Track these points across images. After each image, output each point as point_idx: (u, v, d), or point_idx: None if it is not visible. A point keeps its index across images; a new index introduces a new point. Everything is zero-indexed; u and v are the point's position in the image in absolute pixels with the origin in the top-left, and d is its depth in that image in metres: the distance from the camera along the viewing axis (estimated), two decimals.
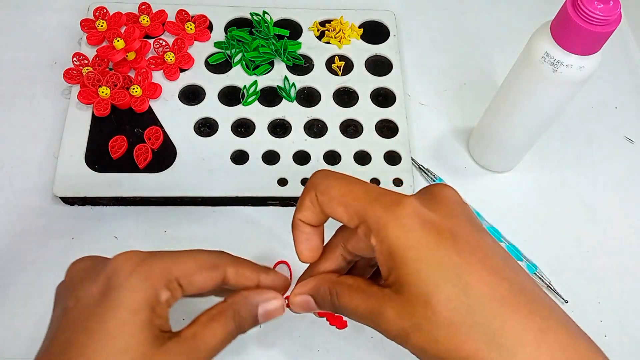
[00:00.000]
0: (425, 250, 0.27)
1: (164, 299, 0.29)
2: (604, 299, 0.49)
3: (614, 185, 0.55)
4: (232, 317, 0.31)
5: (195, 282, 0.30)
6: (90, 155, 0.50)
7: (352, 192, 0.30)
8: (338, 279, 0.32)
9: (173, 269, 0.29)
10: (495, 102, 0.49)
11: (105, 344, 0.27)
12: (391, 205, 0.28)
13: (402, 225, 0.28)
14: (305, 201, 0.32)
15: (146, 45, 0.55)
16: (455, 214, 0.29)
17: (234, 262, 0.32)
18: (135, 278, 0.28)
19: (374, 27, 0.59)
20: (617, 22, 0.37)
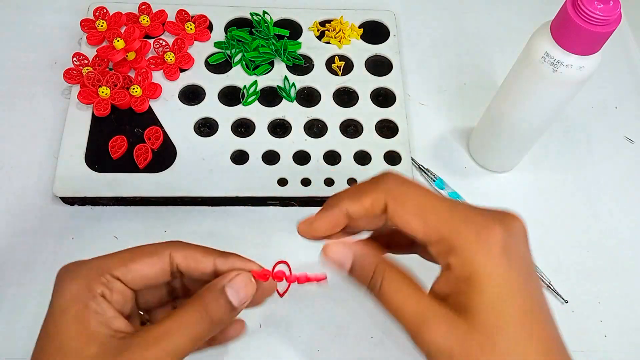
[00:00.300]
0: (507, 291, 0.27)
1: (97, 293, 0.29)
2: (604, 299, 0.49)
3: (614, 185, 0.55)
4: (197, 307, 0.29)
5: (133, 271, 0.30)
6: (90, 155, 0.50)
7: (434, 207, 0.28)
8: (390, 261, 0.30)
9: (104, 264, 0.30)
10: (495, 102, 0.49)
11: (43, 347, 0.28)
12: (482, 230, 0.28)
13: (491, 254, 0.27)
14: (365, 200, 0.30)
15: (146, 45, 0.55)
16: (528, 256, 0.29)
17: (182, 247, 0.31)
18: (65, 282, 0.29)
19: (374, 27, 0.59)
20: (617, 22, 0.37)
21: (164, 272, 0.31)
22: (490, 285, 0.27)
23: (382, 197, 0.29)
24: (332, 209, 0.31)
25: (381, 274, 0.29)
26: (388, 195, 0.29)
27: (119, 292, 0.30)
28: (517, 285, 0.27)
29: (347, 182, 0.50)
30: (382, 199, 0.29)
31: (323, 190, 0.50)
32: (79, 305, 0.28)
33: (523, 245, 0.29)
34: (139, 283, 0.30)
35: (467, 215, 0.28)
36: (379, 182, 0.30)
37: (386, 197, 0.29)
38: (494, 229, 0.28)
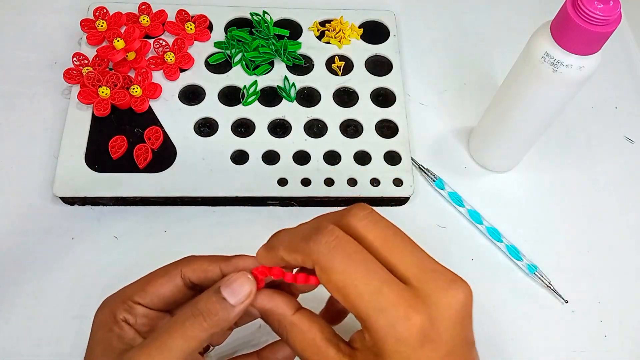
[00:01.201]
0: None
1: (120, 318, 0.32)
2: (604, 299, 0.49)
3: (614, 185, 0.55)
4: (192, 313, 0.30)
5: (150, 293, 0.33)
6: (90, 155, 0.50)
7: (355, 287, 0.28)
8: (293, 318, 0.31)
9: (127, 291, 0.34)
10: (495, 102, 0.49)
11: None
12: (399, 322, 0.27)
13: (403, 348, 0.27)
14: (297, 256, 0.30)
15: (146, 45, 0.55)
16: (459, 337, 0.29)
17: (190, 261, 0.34)
18: (98, 311, 0.34)
19: (374, 27, 0.59)
20: (617, 22, 0.37)
21: (179, 289, 0.34)
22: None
23: (310, 261, 0.29)
24: (269, 251, 0.32)
25: (285, 328, 0.31)
26: (316, 264, 0.29)
27: (142, 315, 0.33)
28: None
29: (347, 182, 0.50)
30: (311, 263, 0.29)
31: (323, 190, 0.50)
32: (104, 329, 0.32)
33: (453, 326, 0.28)
34: (158, 303, 0.33)
35: (388, 303, 0.27)
36: (311, 243, 0.29)
37: (314, 264, 0.29)
38: (413, 321, 0.27)
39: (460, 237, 0.51)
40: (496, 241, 0.50)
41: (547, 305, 0.49)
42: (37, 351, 0.43)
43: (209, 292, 0.31)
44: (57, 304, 0.45)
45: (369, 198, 0.50)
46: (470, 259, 0.50)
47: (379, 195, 0.50)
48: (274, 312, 0.32)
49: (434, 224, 0.51)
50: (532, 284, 0.49)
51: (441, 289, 0.28)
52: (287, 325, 0.31)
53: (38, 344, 0.44)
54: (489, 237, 0.50)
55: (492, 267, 0.50)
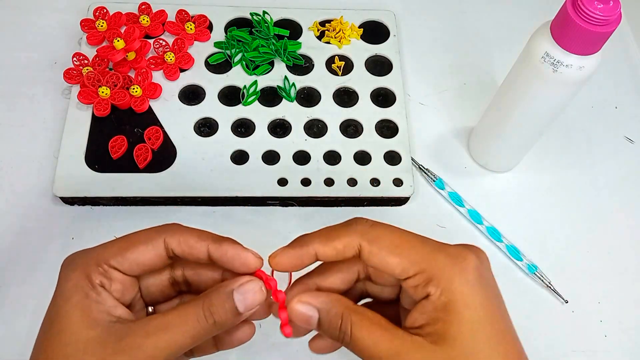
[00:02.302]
0: (483, 315, 0.28)
1: (96, 283, 0.29)
2: (604, 299, 0.49)
3: (614, 185, 0.55)
4: (202, 306, 0.29)
5: (129, 259, 0.30)
6: (90, 155, 0.50)
7: (408, 242, 0.30)
8: (355, 306, 0.31)
9: (101, 254, 0.30)
10: (495, 102, 0.49)
11: (46, 332, 0.29)
12: (457, 258, 0.29)
13: (468, 281, 0.29)
14: (337, 243, 0.30)
15: (146, 45, 0.55)
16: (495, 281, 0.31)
17: (176, 232, 0.31)
18: (67, 271, 0.30)
19: (374, 27, 0.59)
20: (617, 22, 0.37)
21: (161, 258, 0.31)
22: (468, 311, 0.28)
23: (355, 240, 0.30)
24: (300, 248, 0.31)
25: (349, 319, 0.30)
26: (362, 238, 0.30)
27: (117, 281, 0.30)
28: (491, 309, 0.29)
29: (347, 182, 0.50)
30: (356, 242, 0.30)
31: (323, 190, 0.50)
32: (80, 294, 0.29)
33: (490, 272, 0.31)
34: (136, 270, 0.31)
35: (440, 247, 0.30)
36: (351, 225, 0.30)
37: (360, 240, 0.30)
38: (468, 257, 0.29)
39: (460, 237, 0.51)
40: (496, 241, 0.50)
41: (547, 305, 0.49)
42: None
43: (222, 293, 0.30)
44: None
45: (369, 198, 0.50)
46: None
47: (379, 195, 0.50)
48: (336, 305, 0.30)
49: (434, 224, 0.51)
50: (532, 284, 0.49)
51: (473, 246, 0.31)
52: (353, 315, 0.30)
53: None
54: (489, 237, 0.50)
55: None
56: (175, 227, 0.32)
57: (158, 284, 0.34)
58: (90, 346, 0.28)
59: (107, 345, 0.28)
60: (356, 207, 0.51)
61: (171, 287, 0.34)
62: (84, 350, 0.28)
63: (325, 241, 0.30)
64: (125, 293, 0.31)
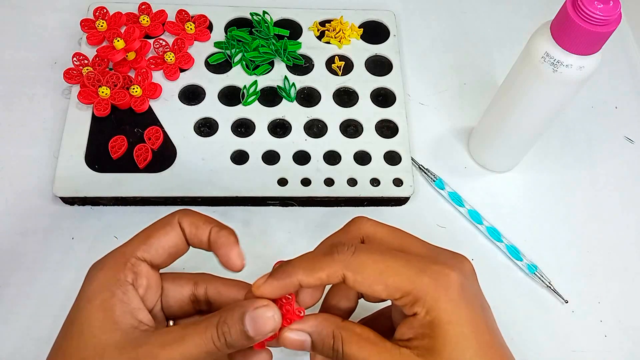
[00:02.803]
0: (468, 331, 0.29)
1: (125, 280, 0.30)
2: (604, 299, 0.49)
3: (614, 185, 0.55)
4: (216, 324, 0.30)
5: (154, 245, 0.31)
6: (90, 155, 0.50)
7: (391, 268, 0.30)
8: (344, 323, 0.32)
9: (128, 248, 0.31)
10: (495, 102, 0.49)
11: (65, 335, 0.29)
12: (440, 277, 0.30)
13: (451, 299, 0.30)
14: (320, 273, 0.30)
15: (146, 45, 0.55)
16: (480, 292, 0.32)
17: (187, 214, 0.33)
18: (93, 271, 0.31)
19: (374, 27, 0.59)
20: (617, 22, 0.37)
21: (180, 239, 0.32)
22: (452, 327, 0.29)
23: (339, 270, 0.30)
24: (284, 279, 0.31)
25: (339, 337, 0.31)
26: (345, 268, 0.30)
27: (144, 275, 0.31)
28: (476, 322, 0.30)
29: (347, 182, 0.50)
30: (340, 272, 0.30)
31: (323, 190, 0.50)
32: (106, 293, 0.29)
33: (474, 283, 0.32)
34: (162, 255, 0.32)
35: (423, 267, 0.30)
36: (333, 255, 0.31)
37: (343, 270, 0.30)
38: (449, 275, 0.30)
39: (460, 237, 0.51)
40: (496, 241, 0.50)
41: (547, 305, 0.49)
42: (37, 351, 0.43)
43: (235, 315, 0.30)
44: (57, 303, 0.45)
45: (369, 198, 0.50)
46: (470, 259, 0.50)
47: (379, 195, 0.50)
48: (325, 325, 0.31)
49: (434, 224, 0.51)
50: (532, 284, 0.49)
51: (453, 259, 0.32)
52: (342, 332, 0.31)
53: (38, 344, 0.44)
54: (489, 237, 0.50)
55: (492, 267, 0.50)
56: (186, 210, 0.33)
57: (179, 299, 0.34)
58: (108, 351, 0.28)
59: (124, 351, 0.28)
60: (356, 207, 0.51)
61: (191, 305, 0.35)
62: (101, 355, 0.28)
63: (309, 272, 0.31)
64: (149, 293, 0.32)
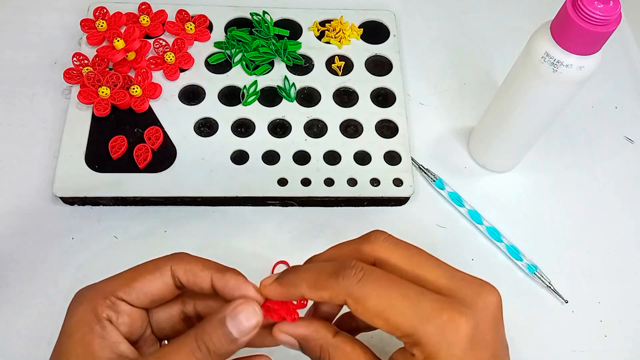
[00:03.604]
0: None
1: (102, 317, 0.29)
2: (604, 299, 0.49)
3: (614, 185, 0.55)
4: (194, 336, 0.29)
5: (137, 289, 0.30)
6: (90, 155, 0.50)
7: (395, 307, 0.28)
8: (335, 340, 0.31)
9: (108, 286, 0.30)
10: (495, 102, 0.49)
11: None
12: (447, 326, 0.28)
13: (454, 355, 0.27)
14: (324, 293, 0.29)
15: (146, 45, 0.55)
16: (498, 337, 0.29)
17: (182, 260, 0.31)
18: (73, 305, 0.30)
19: (374, 27, 0.59)
20: (617, 22, 0.37)
21: (169, 287, 0.31)
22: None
23: (341, 295, 0.29)
24: (288, 288, 0.31)
25: (326, 353, 0.30)
26: (348, 295, 0.29)
27: (125, 313, 0.30)
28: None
29: (347, 182, 0.50)
30: (342, 297, 0.29)
31: (323, 190, 0.50)
32: (85, 329, 0.29)
33: (493, 328, 0.29)
34: (144, 301, 0.31)
35: (431, 311, 0.28)
36: (338, 278, 0.29)
37: (346, 298, 0.29)
38: (460, 324, 0.28)
39: (460, 237, 0.51)
40: (496, 241, 0.50)
41: (547, 305, 0.49)
42: (37, 351, 0.43)
43: (214, 321, 0.29)
44: (57, 304, 0.45)
45: (369, 198, 0.50)
46: (470, 259, 0.50)
47: (379, 195, 0.50)
48: (314, 337, 0.31)
49: (434, 224, 0.51)
50: (532, 284, 0.49)
51: (476, 294, 0.29)
52: (330, 348, 0.30)
53: (38, 344, 0.44)
54: (489, 237, 0.50)
55: (492, 267, 0.50)
56: (182, 255, 0.32)
57: (169, 319, 0.33)
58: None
59: None
60: (356, 207, 0.51)
61: (183, 322, 0.34)
62: None
63: (312, 289, 0.30)
64: (133, 327, 0.31)
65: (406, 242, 0.32)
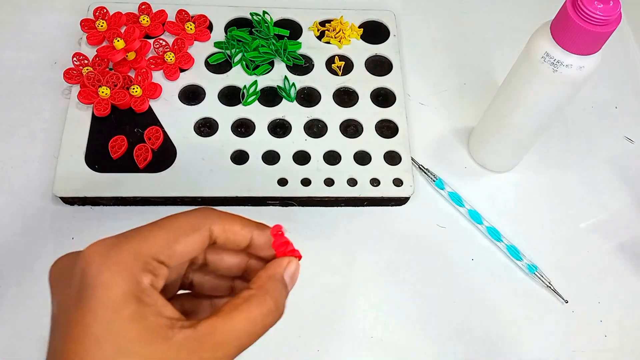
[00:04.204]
0: None
1: (147, 284, 0.25)
2: (604, 299, 0.49)
3: (614, 185, 0.55)
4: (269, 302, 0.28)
5: (177, 252, 0.27)
6: (90, 155, 0.50)
7: None
8: None
9: (145, 248, 0.26)
10: (495, 102, 0.49)
11: (93, 352, 0.24)
12: None
13: None
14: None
15: (146, 45, 0.55)
16: None
17: (220, 218, 0.29)
18: (107, 273, 0.25)
19: (374, 27, 0.59)
20: (617, 22, 0.37)
21: (203, 247, 0.29)
22: None
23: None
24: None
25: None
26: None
27: (163, 277, 0.27)
28: None
29: (347, 182, 0.50)
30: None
31: (323, 190, 0.50)
32: (133, 302, 0.25)
33: None
34: (178, 262, 0.28)
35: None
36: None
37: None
38: None
39: (460, 237, 0.51)
40: (496, 241, 0.50)
41: (547, 305, 0.49)
42: (37, 351, 0.43)
43: (279, 282, 0.29)
44: None
45: (369, 198, 0.50)
46: (470, 259, 0.50)
47: (379, 195, 0.50)
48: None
49: (434, 224, 0.51)
50: (532, 284, 0.49)
51: None
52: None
53: (38, 344, 0.44)
54: (489, 237, 0.50)
55: (492, 267, 0.50)
56: (215, 213, 0.29)
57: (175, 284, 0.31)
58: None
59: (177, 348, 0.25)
60: (356, 207, 0.51)
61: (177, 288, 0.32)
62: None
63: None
64: (167, 289, 0.28)
65: None
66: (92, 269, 0.25)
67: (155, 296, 0.26)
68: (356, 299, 0.47)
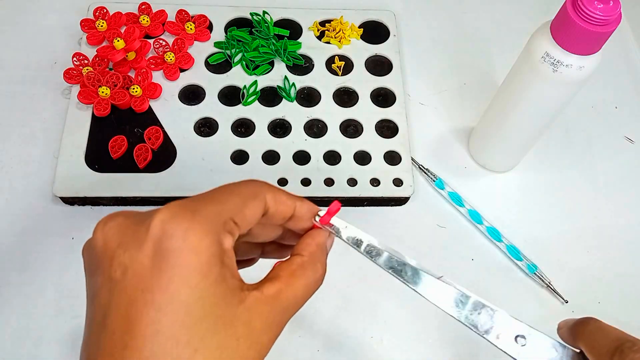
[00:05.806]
0: None
1: (228, 246, 0.26)
2: (604, 299, 0.49)
3: (614, 185, 0.55)
4: (314, 267, 0.29)
5: (247, 216, 0.27)
6: (90, 155, 0.50)
7: None
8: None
9: (224, 210, 0.26)
10: (495, 102, 0.49)
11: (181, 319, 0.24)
12: None
13: None
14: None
15: (146, 45, 0.55)
16: None
17: (270, 188, 0.30)
18: (193, 236, 0.24)
19: (374, 27, 0.59)
20: (617, 22, 0.37)
21: (262, 214, 0.29)
22: None
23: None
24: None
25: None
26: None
27: (235, 238, 0.27)
28: None
29: (347, 182, 0.50)
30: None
31: (323, 190, 0.50)
32: (217, 264, 0.25)
33: None
34: (248, 226, 0.28)
35: None
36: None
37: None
38: None
39: (460, 237, 0.51)
40: (496, 241, 0.50)
41: (547, 305, 0.49)
42: (37, 351, 0.43)
43: (324, 249, 0.31)
44: (57, 304, 0.45)
45: (369, 198, 0.50)
46: (470, 259, 0.50)
47: (379, 195, 0.50)
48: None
49: (434, 224, 0.51)
50: (532, 284, 0.49)
51: None
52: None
53: (38, 344, 0.44)
54: (489, 237, 0.50)
55: (492, 267, 0.50)
56: (266, 183, 0.30)
57: None
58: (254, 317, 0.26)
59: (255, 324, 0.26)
60: (356, 207, 0.51)
61: None
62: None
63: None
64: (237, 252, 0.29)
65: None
66: (177, 232, 0.24)
67: (233, 257, 0.26)
68: (356, 299, 0.47)
